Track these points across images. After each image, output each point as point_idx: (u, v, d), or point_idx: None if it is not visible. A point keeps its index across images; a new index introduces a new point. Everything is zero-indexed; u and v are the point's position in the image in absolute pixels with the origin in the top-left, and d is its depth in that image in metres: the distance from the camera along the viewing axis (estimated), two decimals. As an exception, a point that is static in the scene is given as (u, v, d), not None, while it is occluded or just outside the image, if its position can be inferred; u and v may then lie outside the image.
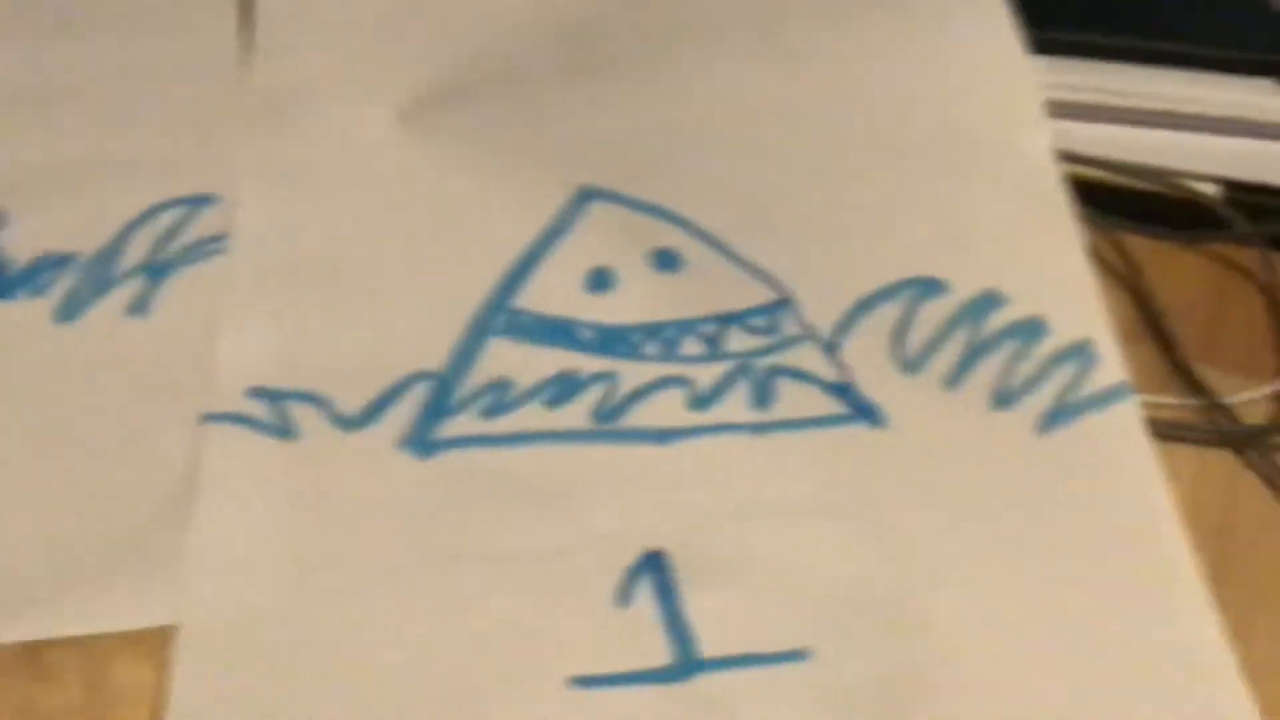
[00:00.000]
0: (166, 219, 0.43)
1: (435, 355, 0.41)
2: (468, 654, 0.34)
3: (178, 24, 0.49)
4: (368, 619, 0.35)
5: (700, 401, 0.40)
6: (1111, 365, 0.40)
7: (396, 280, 0.43)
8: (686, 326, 0.42)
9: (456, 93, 0.48)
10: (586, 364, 0.41)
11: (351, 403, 0.39)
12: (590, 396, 0.40)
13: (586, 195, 0.45)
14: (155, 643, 0.33)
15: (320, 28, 0.49)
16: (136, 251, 0.42)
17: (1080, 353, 0.40)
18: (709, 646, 0.35)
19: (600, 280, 0.43)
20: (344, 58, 0.49)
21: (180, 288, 0.41)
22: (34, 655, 0.33)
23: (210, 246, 0.42)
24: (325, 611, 0.35)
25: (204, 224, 0.43)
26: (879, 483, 0.38)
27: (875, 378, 0.40)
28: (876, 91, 0.46)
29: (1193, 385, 0.41)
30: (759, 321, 0.42)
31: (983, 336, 0.41)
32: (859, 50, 0.47)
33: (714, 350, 0.41)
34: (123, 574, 0.35)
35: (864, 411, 0.40)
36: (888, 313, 0.42)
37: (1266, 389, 0.41)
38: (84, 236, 0.42)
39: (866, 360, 0.41)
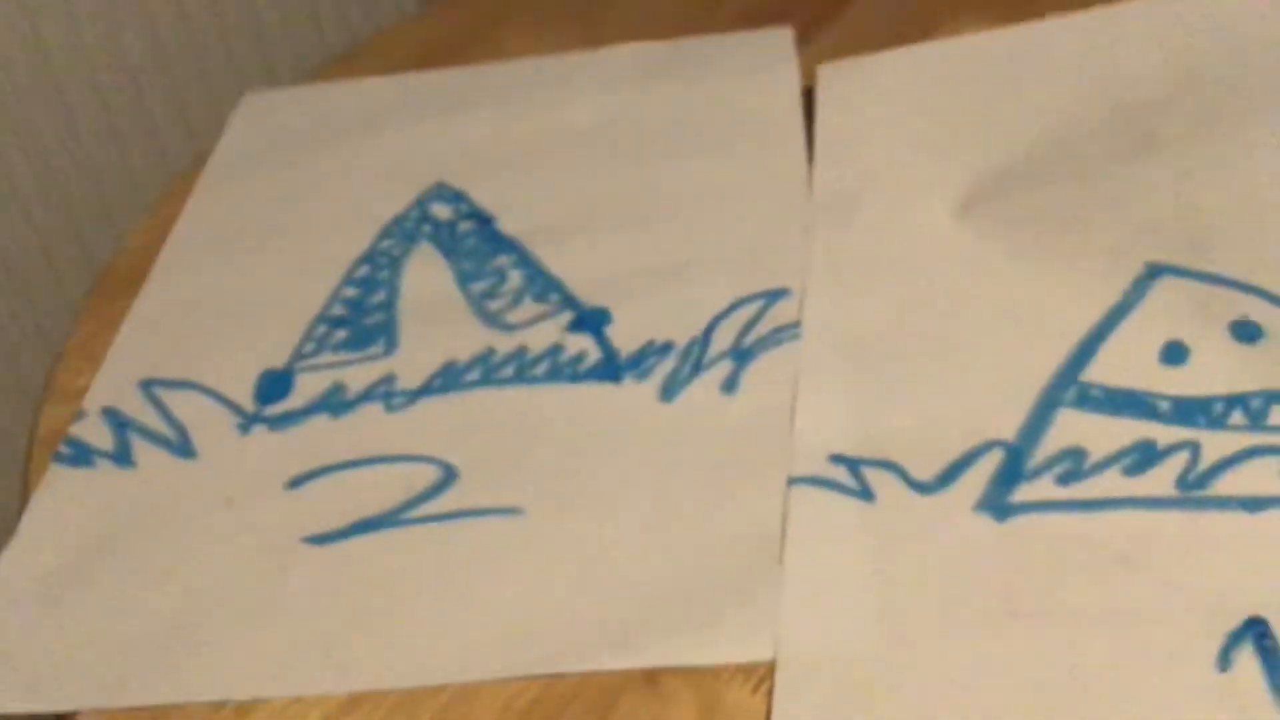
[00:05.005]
0: (748, 310, 0.47)
1: (1006, 426, 0.41)
2: (1061, 711, 0.34)
3: (754, 145, 0.54)
4: (955, 669, 0.35)
5: (1296, 472, 0.38)
6: None
7: (962, 357, 0.44)
8: (1275, 396, 0.40)
9: (1012, 183, 0.49)
10: (1164, 434, 0.40)
11: (925, 469, 0.41)
12: (1172, 465, 0.39)
13: (1154, 272, 0.45)
14: (762, 674, 0.36)
15: (874, 133, 0.53)
16: (724, 339, 0.47)
17: None
18: (1327, 720, 0.32)
19: (1174, 353, 0.42)
20: (900, 158, 0.52)
21: (763, 369, 0.45)
22: (654, 681, 0.37)
23: (787, 333, 0.46)
24: (911, 659, 0.36)
25: (780, 313, 0.47)
26: None
27: None
28: None
29: None
30: (1358, 389, 0.39)
31: None
32: None
33: (1309, 419, 0.39)
34: (729, 614, 0.38)
35: None
36: None
37: None
38: (678, 328, 0.47)
39: None
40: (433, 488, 0.43)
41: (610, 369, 0.46)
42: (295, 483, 0.44)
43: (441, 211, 0.55)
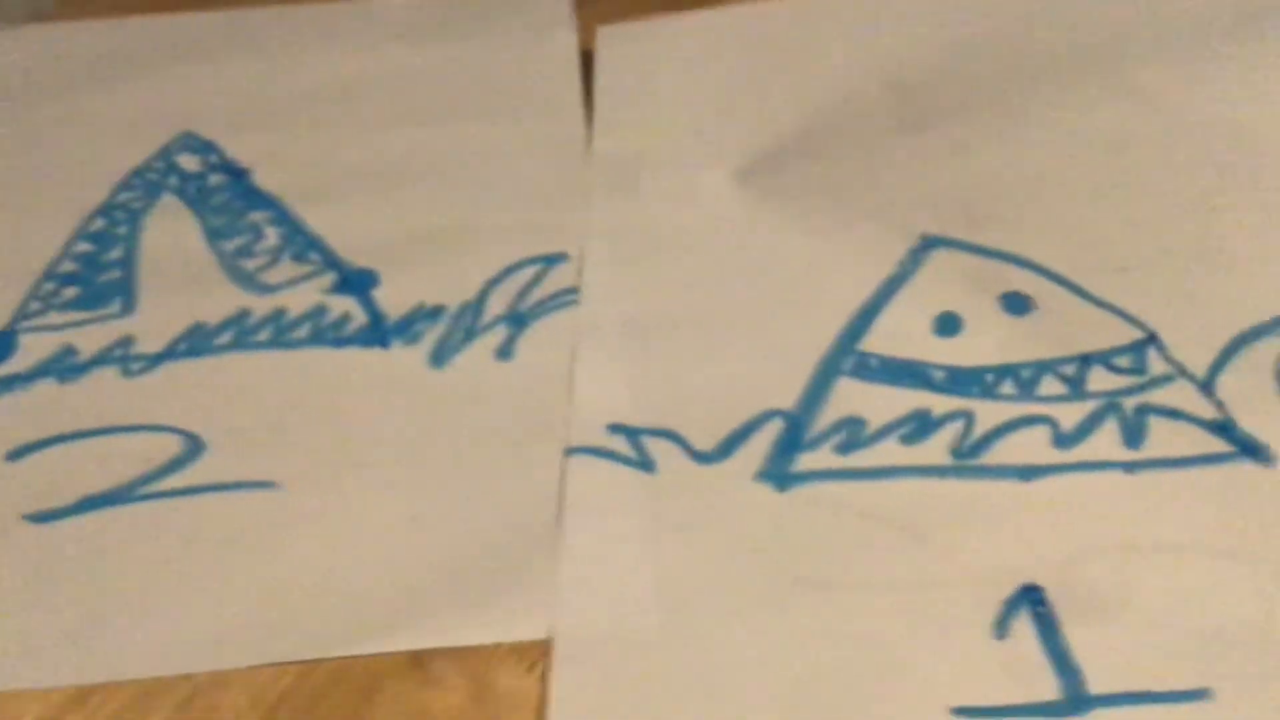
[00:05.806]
0: (524, 275, 0.45)
1: (785, 396, 0.41)
2: (841, 681, 0.33)
3: (530, 107, 0.52)
4: (735, 642, 0.34)
5: (1065, 440, 0.39)
6: None
7: (741, 327, 0.43)
8: (1044, 367, 0.41)
9: (792, 153, 0.49)
10: (939, 403, 0.40)
11: (706, 439, 0.40)
12: (946, 434, 0.39)
13: (928, 244, 0.45)
14: (537, 654, 0.34)
15: (656, 99, 0.52)
16: (498, 304, 0.44)
17: None
18: (1097, 683, 0.33)
19: (948, 324, 0.42)
20: (680, 126, 0.51)
21: (539, 335, 0.43)
22: (420, 664, 0.34)
23: (564, 299, 0.44)
24: (692, 633, 0.34)
25: (557, 278, 0.45)
26: (1275, 524, 0.35)
27: (1259, 416, 0.38)
28: (1232, 124, 0.45)
29: None
30: (1123, 360, 0.40)
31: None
32: (1207, 85, 0.46)
33: (1076, 390, 0.40)
34: (501, 591, 0.35)
35: (1249, 450, 0.37)
36: (1270, 349, 0.39)
37: None
38: (450, 292, 0.45)
39: (1247, 398, 0.38)
40: (175, 460, 0.39)
41: (377, 333, 0.43)
42: (15, 455, 0.40)
43: (189, 163, 0.51)
